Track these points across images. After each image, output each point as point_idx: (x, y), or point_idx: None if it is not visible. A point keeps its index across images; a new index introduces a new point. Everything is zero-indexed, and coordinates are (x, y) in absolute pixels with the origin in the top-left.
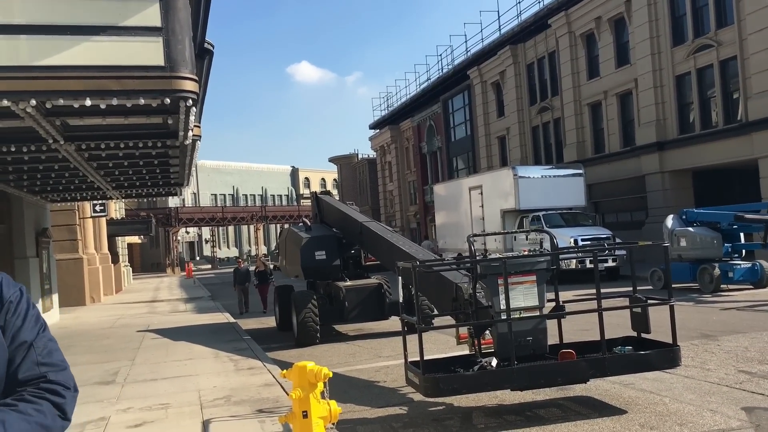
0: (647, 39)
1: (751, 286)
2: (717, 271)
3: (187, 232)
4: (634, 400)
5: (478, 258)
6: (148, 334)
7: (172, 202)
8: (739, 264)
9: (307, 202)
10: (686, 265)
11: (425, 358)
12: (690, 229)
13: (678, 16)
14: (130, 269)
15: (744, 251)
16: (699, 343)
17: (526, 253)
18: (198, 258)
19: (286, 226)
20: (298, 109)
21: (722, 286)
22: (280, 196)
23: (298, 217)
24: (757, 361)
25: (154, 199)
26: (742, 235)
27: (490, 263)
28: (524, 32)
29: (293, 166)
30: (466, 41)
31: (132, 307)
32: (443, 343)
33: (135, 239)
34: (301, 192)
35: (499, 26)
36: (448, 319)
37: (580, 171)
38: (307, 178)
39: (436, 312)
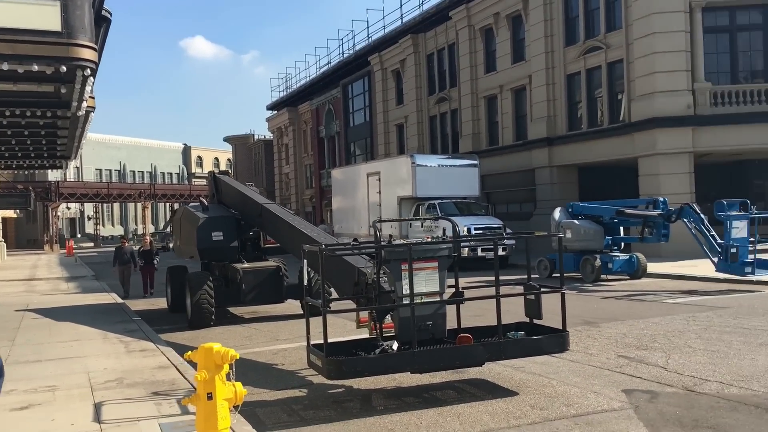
0: (542, 37)
1: (628, 277)
2: (598, 262)
3: (68, 208)
4: (525, 383)
5: (383, 243)
6: (28, 313)
7: (53, 175)
8: (618, 256)
9: (199, 182)
10: (570, 256)
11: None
12: (575, 221)
13: (571, 17)
14: (4, 245)
15: (623, 244)
16: (582, 330)
17: (429, 240)
18: (79, 236)
19: (177, 205)
20: (191, 85)
21: (602, 276)
22: (171, 174)
23: (189, 196)
24: (634, 346)
25: (33, 172)
26: (621, 228)
27: (395, 249)
28: (425, 22)
29: (185, 144)
30: (368, 27)
31: (7, 284)
32: (341, 327)
33: (10, 213)
34: (193, 171)
35: (401, 15)
36: (348, 303)
37: (475, 162)
38: (199, 157)
39: (336, 296)
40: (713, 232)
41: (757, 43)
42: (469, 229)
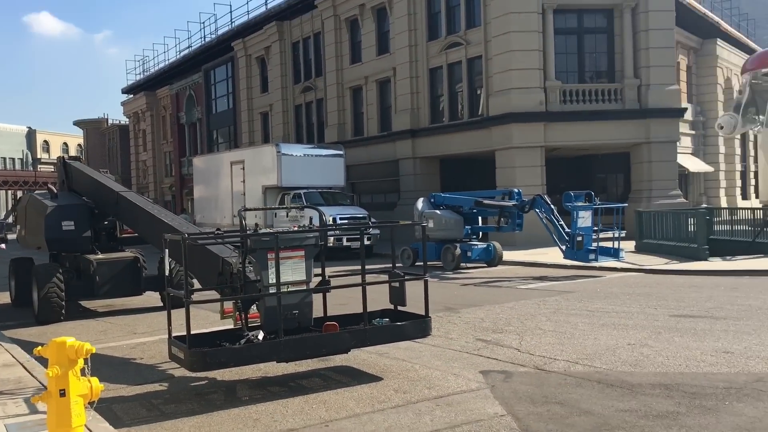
0: (406, 31)
1: (486, 265)
2: (458, 251)
3: None
4: (389, 368)
5: (248, 232)
6: None
7: None
8: (477, 244)
9: (46, 168)
10: (432, 245)
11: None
12: (437, 211)
13: (434, 12)
14: None
15: (481, 233)
16: (443, 315)
17: (295, 229)
18: None
19: (21, 193)
20: (36, 64)
21: (462, 264)
22: (13, 159)
23: (35, 183)
24: (491, 330)
25: None
26: (480, 218)
27: (261, 238)
28: (291, 9)
29: (29, 127)
30: (231, 11)
31: None
32: (204, 318)
33: None
34: (39, 156)
35: (266, 0)
36: (212, 294)
37: (341, 152)
38: (46, 141)
39: (199, 286)
40: (562, 222)
41: (602, 45)
42: (334, 219)
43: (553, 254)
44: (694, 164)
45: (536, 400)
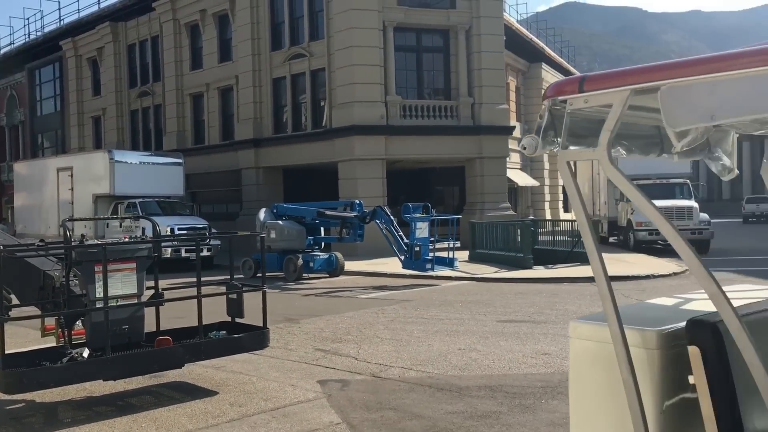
0: (249, 40)
1: (328, 275)
2: (300, 261)
3: None
4: (225, 382)
5: (74, 243)
6: None
7: None
8: (319, 255)
9: None
10: (275, 256)
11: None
12: (279, 222)
13: (277, 23)
14: None
15: (323, 243)
16: (283, 326)
17: (126, 240)
18: None
19: None
20: None
21: (304, 274)
22: None
23: None
24: (330, 339)
25: None
26: (322, 229)
27: (87, 249)
28: (127, 10)
29: None
30: (59, 8)
31: None
32: (23, 336)
33: None
34: None
35: None
36: (33, 310)
37: (180, 160)
38: None
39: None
40: (401, 233)
41: (439, 64)
42: (172, 229)
43: (393, 264)
44: (522, 179)
45: (371, 406)
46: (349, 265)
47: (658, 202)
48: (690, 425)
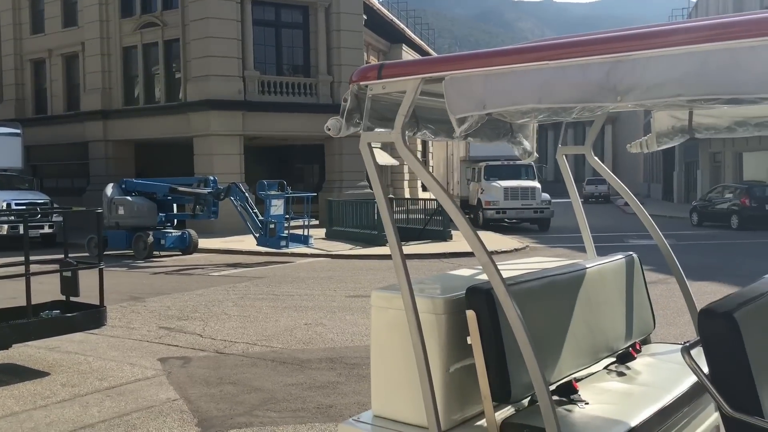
0: (96, 4)
1: (180, 253)
2: (151, 239)
3: None
4: (59, 362)
5: None
6: None
7: None
8: (171, 232)
9: None
10: (123, 233)
11: None
12: (128, 198)
13: None
14: None
15: (176, 220)
16: (127, 305)
17: None
18: None
19: None
20: None
21: (155, 252)
22: None
23: None
24: (176, 318)
25: None
26: (175, 205)
27: None
28: None
29: None
30: None
31: None
32: None
33: None
34: None
35: None
36: None
37: (18, 130)
38: None
39: None
40: (256, 210)
41: (298, 41)
42: (9, 205)
43: (249, 242)
44: (382, 158)
45: (211, 382)
46: (204, 243)
47: (504, 182)
48: (474, 384)
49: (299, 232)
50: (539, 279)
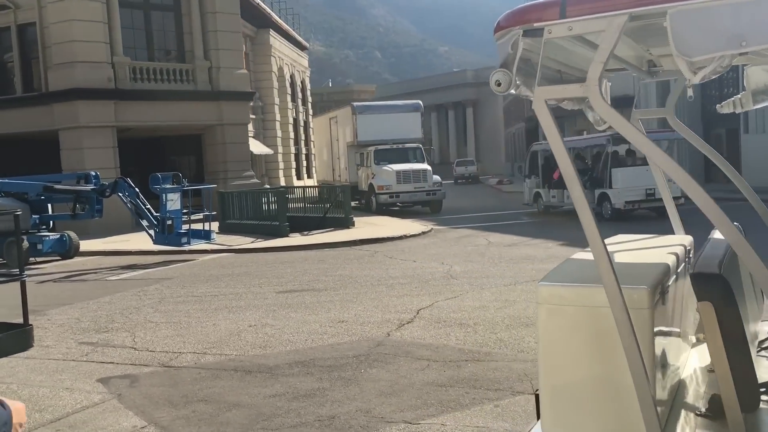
0: None
1: (60, 258)
2: (26, 244)
3: None
4: None
5: None
6: None
7: None
8: (48, 235)
9: None
10: None
11: None
12: None
13: None
14: None
15: (53, 222)
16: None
17: None
18: None
19: None
20: None
21: (32, 258)
22: None
23: None
24: (94, 330)
25: None
26: (50, 205)
27: None
28: None
29: None
30: None
31: None
32: None
33: None
34: None
35: None
36: None
37: None
38: None
39: None
40: (149, 206)
41: (169, 24)
42: None
43: (138, 240)
44: (256, 147)
45: (176, 402)
46: (85, 245)
47: (396, 166)
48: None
49: (199, 226)
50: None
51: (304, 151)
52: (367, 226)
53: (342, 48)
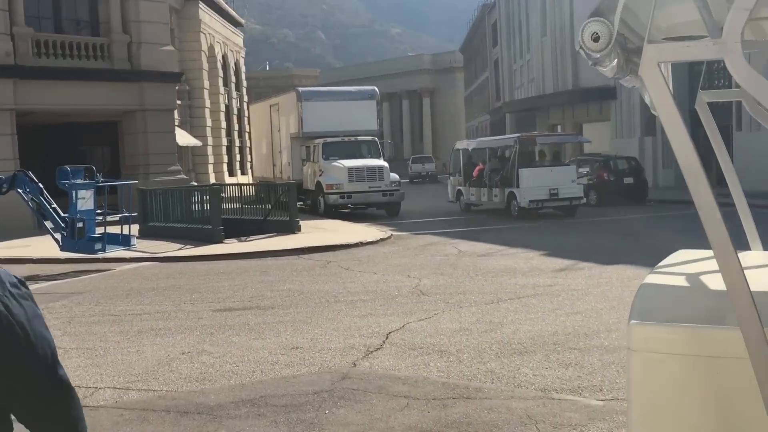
0: None
1: None
2: None
3: None
4: None
5: None
6: None
7: None
8: None
9: None
10: None
11: None
12: None
13: None
14: None
15: None
16: None
17: None
18: None
19: None
20: None
21: None
22: None
23: None
24: None
25: None
26: None
27: None
28: None
29: None
30: None
31: None
32: None
33: None
34: None
35: None
36: None
37: None
38: None
39: None
40: (55, 205)
41: None
42: None
43: (40, 246)
44: (183, 138)
45: None
46: None
47: (348, 162)
48: None
49: (116, 230)
50: None
51: (237, 143)
52: (315, 232)
53: (280, 27)
